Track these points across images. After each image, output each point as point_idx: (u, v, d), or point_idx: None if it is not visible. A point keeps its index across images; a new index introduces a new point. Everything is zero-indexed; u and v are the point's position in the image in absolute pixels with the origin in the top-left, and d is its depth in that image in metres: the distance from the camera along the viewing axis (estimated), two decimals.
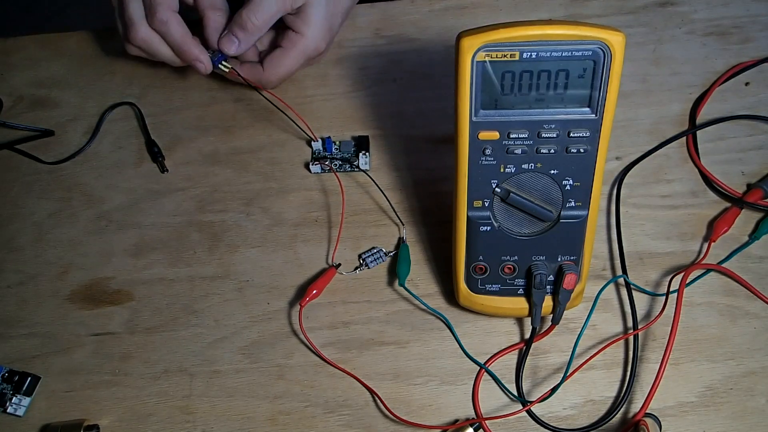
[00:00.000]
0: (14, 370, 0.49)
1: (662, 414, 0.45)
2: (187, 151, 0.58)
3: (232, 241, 0.53)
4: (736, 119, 0.56)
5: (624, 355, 0.47)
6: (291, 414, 0.47)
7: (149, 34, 0.54)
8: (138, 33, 0.53)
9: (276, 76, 0.56)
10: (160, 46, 0.54)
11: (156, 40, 0.54)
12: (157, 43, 0.54)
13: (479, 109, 0.40)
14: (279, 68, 0.56)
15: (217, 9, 0.55)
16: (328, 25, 0.56)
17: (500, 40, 0.38)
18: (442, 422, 0.46)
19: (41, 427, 0.47)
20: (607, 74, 0.39)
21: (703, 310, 0.48)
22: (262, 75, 0.56)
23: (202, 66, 0.55)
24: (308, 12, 0.55)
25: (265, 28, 0.54)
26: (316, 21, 0.55)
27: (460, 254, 0.46)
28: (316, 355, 0.48)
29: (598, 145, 0.41)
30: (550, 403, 0.45)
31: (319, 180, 0.56)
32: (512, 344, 0.48)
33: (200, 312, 0.51)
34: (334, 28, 0.58)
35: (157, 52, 0.55)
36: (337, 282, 0.51)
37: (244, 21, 0.53)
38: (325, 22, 0.56)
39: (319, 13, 0.55)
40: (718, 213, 0.52)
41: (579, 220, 0.43)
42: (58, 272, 0.53)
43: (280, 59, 0.56)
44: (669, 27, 0.61)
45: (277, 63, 0.56)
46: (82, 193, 0.57)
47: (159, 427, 0.47)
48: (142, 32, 0.53)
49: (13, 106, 0.62)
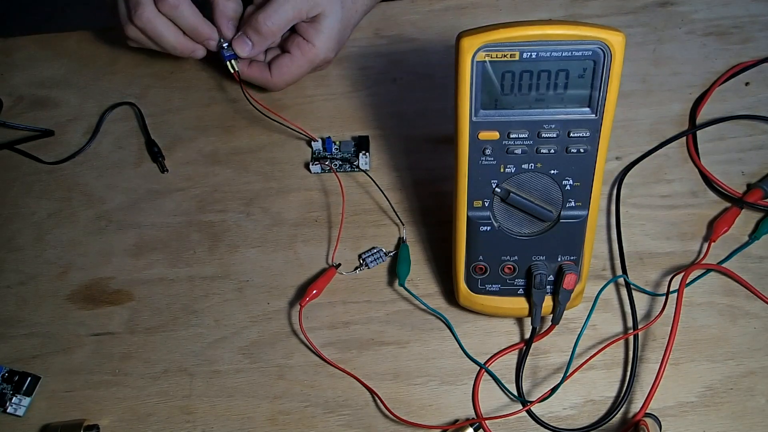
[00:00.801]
0: (14, 370, 0.49)
1: (662, 414, 0.45)
2: (187, 151, 0.58)
3: (232, 241, 0.53)
4: (736, 119, 0.56)
5: (624, 355, 0.47)
6: (291, 414, 0.47)
7: (155, 16, 0.53)
8: (144, 13, 0.53)
9: (282, 81, 0.57)
10: (165, 30, 0.54)
11: (161, 22, 0.53)
12: (162, 26, 0.54)
13: (479, 109, 0.40)
14: (286, 75, 0.56)
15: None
16: (338, 36, 0.56)
17: (500, 40, 0.38)
18: (442, 422, 0.46)
19: (41, 427, 0.47)
20: (607, 74, 0.39)
21: (703, 310, 0.48)
22: (270, 79, 0.56)
23: (213, 44, 0.55)
24: (322, 23, 0.55)
25: (279, 33, 0.54)
26: (329, 32, 0.55)
27: (460, 254, 0.46)
28: (316, 355, 0.48)
29: (598, 145, 0.41)
30: (550, 403, 0.45)
31: (319, 180, 0.56)
32: (512, 344, 0.48)
33: (200, 312, 0.51)
34: (343, 40, 0.58)
35: (160, 35, 0.54)
36: (337, 282, 0.51)
37: (260, 25, 0.53)
38: (337, 33, 0.56)
39: (333, 25, 0.55)
40: (718, 213, 0.52)
41: (579, 220, 0.43)
42: (58, 272, 0.53)
43: (289, 66, 0.56)
44: (669, 27, 0.61)
45: (286, 70, 0.56)
46: (82, 193, 0.57)
47: (159, 427, 0.47)
48: (148, 12, 0.53)
49: (13, 106, 0.62)
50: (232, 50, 0.55)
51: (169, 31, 0.54)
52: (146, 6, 0.53)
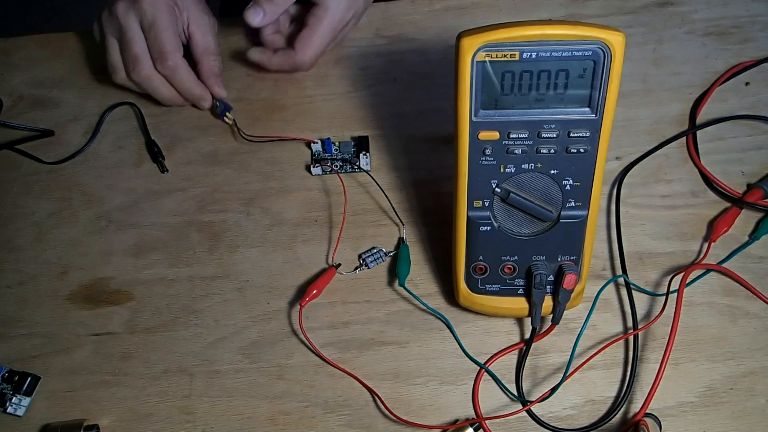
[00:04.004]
0: (14, 370, 0.49)
1: (662, 414, 0.45)
2: (187, 151, 0.58)
3: (232, 241, 0.53)
4: (736, 119, 0.56)
5: (624, 355, 0.47)
6: (291, 414, 0.47)
7: (153, 74, 0.56)
8: (143, 71, 0.55)
9: (308, 56, 0.57)
10: (160, 87, 0.57)
11: (158, 79, 0.56)
12: (158, 83, 0.56)
13: (479, 109, 0.40)
14: (309, 48, 0.57)
15: (211, 54, 0.58)
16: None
17: (500, 40, 0.38)
18: (442, 422, 0.46)
19: (41, 427, 0.47)
20: (607, 74, 0.39)
21: (703, 310, 0.48)
22: (296, 57, 0.57)
23: (205, 103, 0.58)
24: None
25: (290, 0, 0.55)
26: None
27: (460, 254, 0.46)
28: (316, 355, 0.48)
29: (598, 145, 0.41)
30: (550, 403, 0.45)
31: (319, 180, 0.56)
32: (512, 344, 0.48)
33: (200, 312, 0.51)
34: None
35: (155, 90, 0.57)
36: (337, 282, 0.51)
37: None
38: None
39: None
40: (718, 213, 0.52)
41: (579, 220, 0.43)
42: (58, 272, 0.53)
43: (310, 38, 0.57)
44: (669, 27, 0.61)
45: (307, 42, 0.57)
46: (82, 193, 0.57)
47: (159, 427, 0.47)
48: (147, 70, 0.55)
49: (13, 106, 0.62)
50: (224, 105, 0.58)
51: (164, 88, 0.57)
52: (145, 63, 0.55)
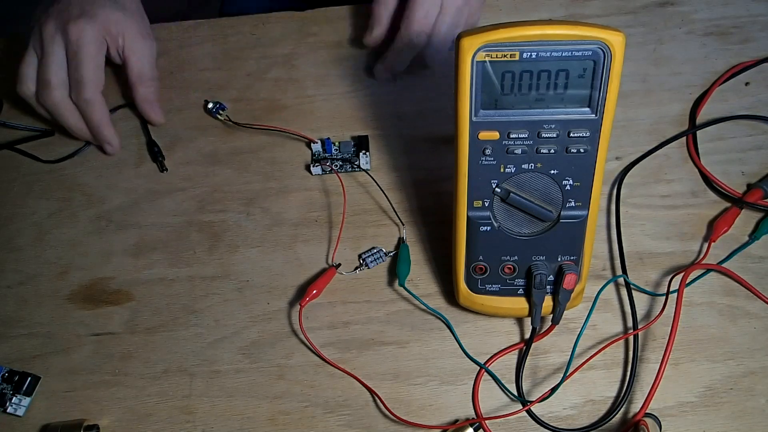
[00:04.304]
0: (14, 370, 0.49)
1: (662, 414, 0.45)
2: (187, 151, 0.58)
3: (232, 241, 0.53)
4: (736, 119, 0.56)
5: (624, 355, 0.47)
6: (291, 414, 0.47)
7: (64, 103, 0.53)
8: (50, 98, 0.53)
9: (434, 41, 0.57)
10: (69, 117, 0.54)
11: (68, 109, 0.54)
12: (68, 113, 0.54)
13: (479, 109, 0.40)
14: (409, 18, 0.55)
15: (146, 80, 0.57)
16: None
17: (500, 40, 0.38)
18: (442, 422, 0.46)
19: (41, 427, 0.47)
20: (607, 74, 0.39)
21: (703, 310, 0.48)
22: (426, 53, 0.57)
23: (110, 148, 0.56)
24: None
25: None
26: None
27: (460, 254, 0.46)
28: (316, 355, 0.48)
29: (598, 145, 0.41)
30: (550, 403, 0.45)
31: (319, 180, 0.56)
32: (512, 344, 0.48)
33: (200, 312, 0.51)
34: None
35: (63, 119, 0.54)
36: (337, 282, 0.51)
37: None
38: None
39: None
40: (718, 213, 0.52)
41: (579, 220, 0.43)
42: (58, 272, 0.53)
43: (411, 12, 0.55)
44: (669, 27, 0.61)
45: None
46: (82, 193, 0.57)
47: (159, 427, 0.47)
48: (56, 98, 0.53)
49: (13, 106, 0.62)
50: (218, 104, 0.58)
51: (72, 119, 0.54)
52: (55, 91, 0.52)
